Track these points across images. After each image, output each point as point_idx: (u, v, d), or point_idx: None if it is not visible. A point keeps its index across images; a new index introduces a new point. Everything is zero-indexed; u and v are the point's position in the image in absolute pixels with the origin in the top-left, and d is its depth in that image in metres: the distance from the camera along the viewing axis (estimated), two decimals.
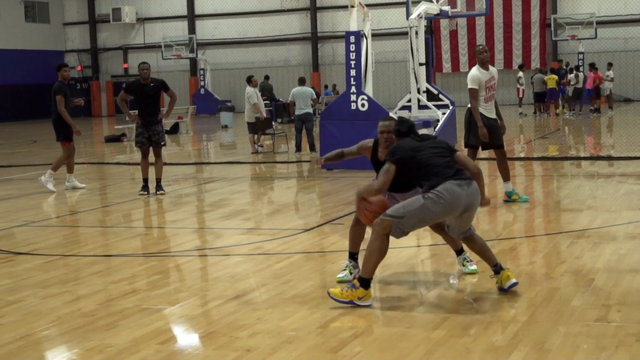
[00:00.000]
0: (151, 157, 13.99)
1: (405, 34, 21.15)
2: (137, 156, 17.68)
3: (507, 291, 6.82)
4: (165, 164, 16.49)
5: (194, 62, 49.38)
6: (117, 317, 6.57)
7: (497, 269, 6.90)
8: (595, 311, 6.29)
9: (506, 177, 11.76)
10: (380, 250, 6.59)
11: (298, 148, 20.65)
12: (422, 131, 18.29)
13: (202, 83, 47.93)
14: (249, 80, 21.65)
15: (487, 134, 11.36)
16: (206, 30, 49.58)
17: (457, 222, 6.83)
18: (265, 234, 10.28)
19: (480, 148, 11.79)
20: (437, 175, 6.56)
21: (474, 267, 7.55)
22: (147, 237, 10.70)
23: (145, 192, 13.86)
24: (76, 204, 13.69)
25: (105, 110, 52.26)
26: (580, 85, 33.33)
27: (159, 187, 13.95)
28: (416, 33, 19.80)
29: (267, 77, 38.79)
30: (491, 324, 6.09)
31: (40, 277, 8.13)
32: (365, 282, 6.57)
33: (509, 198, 11.70)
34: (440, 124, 19.06)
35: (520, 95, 34.72)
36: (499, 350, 5.49)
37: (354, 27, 16.73)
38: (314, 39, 47.47)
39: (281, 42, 48.28)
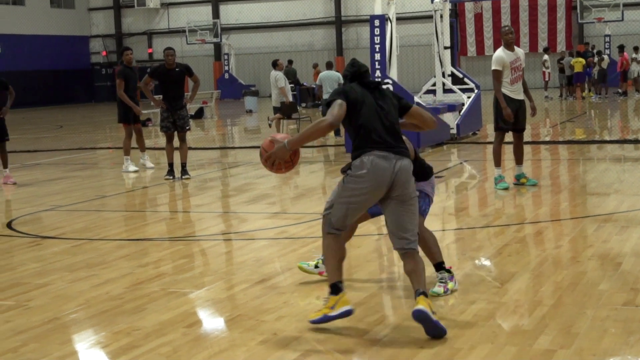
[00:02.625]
0: (176, 142, 14.03)
1: (430, 17, 21.04)
2: (162, 141, 17.74)
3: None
4: (190, 148, 16.55)
5: (218, 47, 49.42)
6: (144, 301, 6.61)
7: (418, 294, 5.57)
8: (623, 295, 6.25)
9: (520, 160, 11.77)
10: (331, 249, 5.81)
11: None
12: (446, 116, 18.26)
13: (226, 68, 47.97)
14: (275, 64, 21.64)
15: (511, 114, 11.34)
16: (230, 14, 49.58)
17: (391, 213, 5.71)
18: (290, 218, 10.29)
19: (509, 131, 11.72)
20: (367, 144, 5.62)
21: (439, 289, 6.45)
22: (173, 221, 10.74)
23: (171, 177, 13.92)
24: (102, 189, 13.77)
25: None
26: (605, 67, 33.06)
27: (184, 171, 14.01)
28: (441, 16, 19.69)
29: (290, 62, 38.74)
30: (518, 307, 6.07)
31: (68, 261, 8.19)
32: (333, 288, 5.71)
33: (518, 181, 11.70)
34: (465, 107, 18.98)
35: (546, 79, 34.47)
36: (526, 334, 5.47)
37: (378, 11, 16.66)
38: (338, 23, 47.34)
39: (305, 27, 48.19)
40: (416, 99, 16.61)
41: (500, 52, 11.44)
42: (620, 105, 29.55)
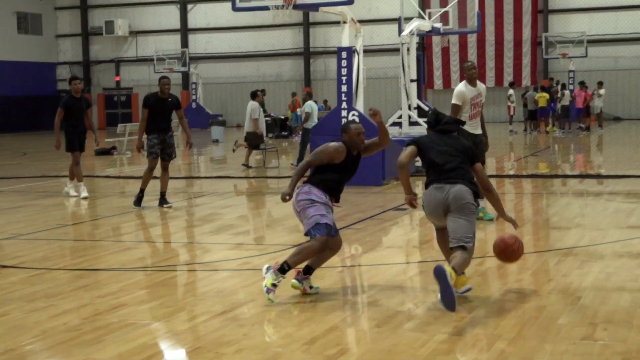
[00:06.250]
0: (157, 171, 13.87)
1: (397, 50, 21.22)
2: (127, 169, 17.62)
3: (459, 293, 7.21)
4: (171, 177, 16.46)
5: (186, 76, 49.37)
6: (102, 332, 6.54)
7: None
8: (582, 329, 6.29)
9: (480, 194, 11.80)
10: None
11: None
12: None
13: (193, 97, 47.89)
14: (254, 95, 21.68)
15: None
16: (199, 44, 49.62)
17: (448, 223, 7.31)
18: (254, 249, 10.26)
19: None
20: (431, 176, 7.35)
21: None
22: (135, 251, 10.65)
23: (138, 206, 13.78)
24: (64, 217, 13.64)
25: (95, 122, 52.12)
26: (566, 103, 33.72)
27: (164, 200, 13.90)
28: (408, 50, 19.86)
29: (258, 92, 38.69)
30: (478, 340, 6.08)
31: (26, 291, 8.08)
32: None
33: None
34: None
35: (511, 113, 34.77)
36: None
37: (345, 43, 16.76)
38: (306, 54, 47.55)
39: (273, 57, 48.33)
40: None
41: (462, 87, 11.47)
42: (583, 140, 29.89)
